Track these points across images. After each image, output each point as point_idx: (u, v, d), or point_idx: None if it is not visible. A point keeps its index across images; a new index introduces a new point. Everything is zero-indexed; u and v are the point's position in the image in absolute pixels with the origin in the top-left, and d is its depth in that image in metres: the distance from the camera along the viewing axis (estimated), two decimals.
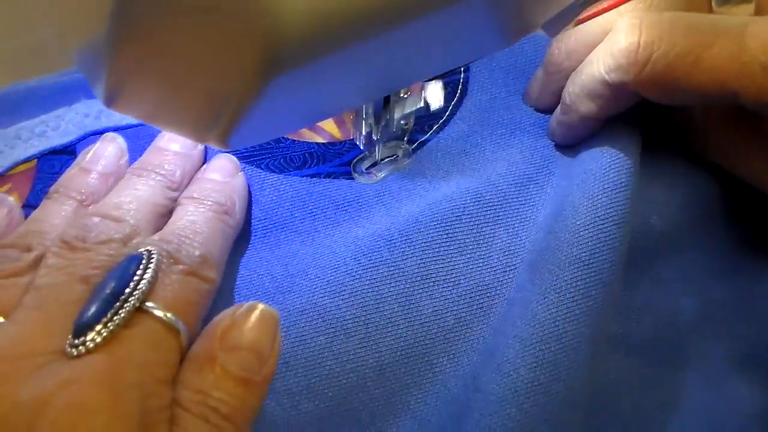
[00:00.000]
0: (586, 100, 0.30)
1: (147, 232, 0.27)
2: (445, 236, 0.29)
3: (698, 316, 0.31)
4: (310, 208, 0.30)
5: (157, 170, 0.29)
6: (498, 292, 0.29)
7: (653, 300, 0.31)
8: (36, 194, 0.30)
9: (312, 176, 0.31)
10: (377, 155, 0.31)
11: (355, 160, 0.31)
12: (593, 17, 0.31)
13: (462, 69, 0.34)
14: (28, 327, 0.23)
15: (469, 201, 0.30)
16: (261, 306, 0.25)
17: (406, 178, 0.31)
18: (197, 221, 0.27)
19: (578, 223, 0.28)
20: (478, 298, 0.29)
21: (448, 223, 0.29)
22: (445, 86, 0.34)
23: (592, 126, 0.30)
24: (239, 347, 0.24)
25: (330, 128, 0.32)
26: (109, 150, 0.30)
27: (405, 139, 0.31)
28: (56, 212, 0.28)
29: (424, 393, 0.28)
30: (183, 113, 0.22)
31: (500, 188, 0.30)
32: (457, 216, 0.29)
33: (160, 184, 0.29)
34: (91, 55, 0.21)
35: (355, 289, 0.28)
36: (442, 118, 0.33)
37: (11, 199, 0.29)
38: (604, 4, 0.30)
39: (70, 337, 0.23)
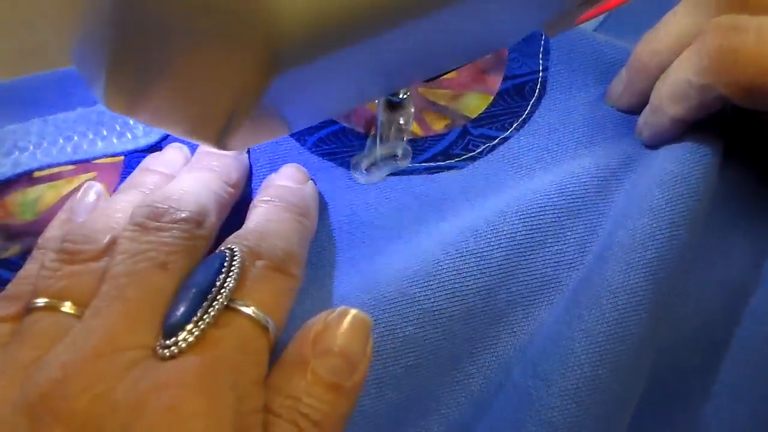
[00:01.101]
0: (674, 103, 0.29)
1: (214, 215, 0.27)
2: (529, 227, 0.29)
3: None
4: (395, 204, 0.30)
5: (212, 166, 0.29)
6: (567, 286, 0.29)
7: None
8: None
9: (394, 174, 0.31)
10: (377, 154, 0.31)
11: (354, 160, 0.31)
12: (593, 16, 0.30)
13: (540, 68, 0.34)
14: (113, 319, 0.23)
15: (553, 192, 0.30)
16: (353, 311, 0.25)
17: (490, 174, 0.31)
18: (275, 220, 0.27)
19: (654, 225, 0.28)
20: (548, 291, 0.29)
21: (533, 215, 0.29)
22: (523, 86, 0.34)
23: (681, 128, 0.30)
24: (331, 352, 0.24)
25: (412, 125, 0.32)
26: (174, 155, 0.31)
27: (404, 139, 0.31)
28: (122, 201, 0.28)
29: (489, 381, 0.28)
30: (182, 113, 0.21)
31: (583, 180, 0.30)
32: (542, 207, 0.29)
33: (216, 176, 0.29)
34: (90, 56, 0.21)
35: (442, 279, 0.28)
36: (521, 116, 0.33)
37: (100, 186, 0.29)
38: (605, 4, 0.30)
39: (160, 337, 0.23)
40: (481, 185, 0.31)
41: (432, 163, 0.32)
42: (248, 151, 0.31)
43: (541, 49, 0.34)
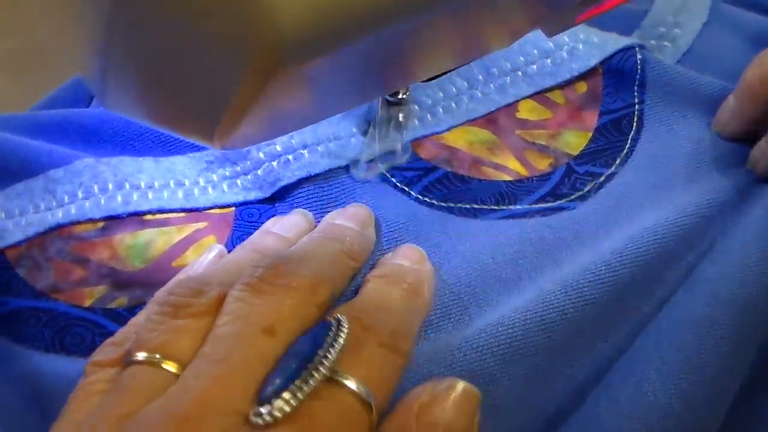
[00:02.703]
0: None
1: (330, 287, 0.26)
2: (649, 270, 0.28)
3: None
4: (511, 252, 0.29)
5: (337, 238, 0.28)
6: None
7: None
8: (234, 241, 0.30)
9: (507, 217, 0.30)
10: (376, 152, 0.31)
11: (353, 158, 0.31)
12: (592, 16, 0.30)
13: (636, 101, 0.34)
14: (211, 382, 0.22)
15: (668, 234, 0.29)
16: (462, 383, 0.23)
17: (601, 214, 0.30)
18: (388, 298, 0.26)
19: (747, 263, 0.28)
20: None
21: (652, 257, 0.28)
22: (620, 120, 0.33)
23: None
24: (437, 426, 0.22)
25: (513, 165, 0.32)
26: (298, 220, 0.30)
27: (403, 134, 0.31)
28: (240, 260, 0.27)
29: (557, 398, 0.27)
30: (182, 113, 0.21)
31: (693, 217, 0.30)
32: (659, 249, 0.28)
33: (340, 248, 0.27)
34: (90, 56, 0.21)
35: (557, 326, 0.27)
36: (623, 150, 0.32)
37: (223, 248, 0.29)
38: (602, 5, 0.30)
39: (255, 404, 0.22)
40: (593, 228, 0.30)
41: (543, 205, 0.31)
42: (375, 225, 0.30)
43: (636, 82, 0.34)
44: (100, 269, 0.29)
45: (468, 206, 0.31)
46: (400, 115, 0.31)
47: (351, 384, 0.22)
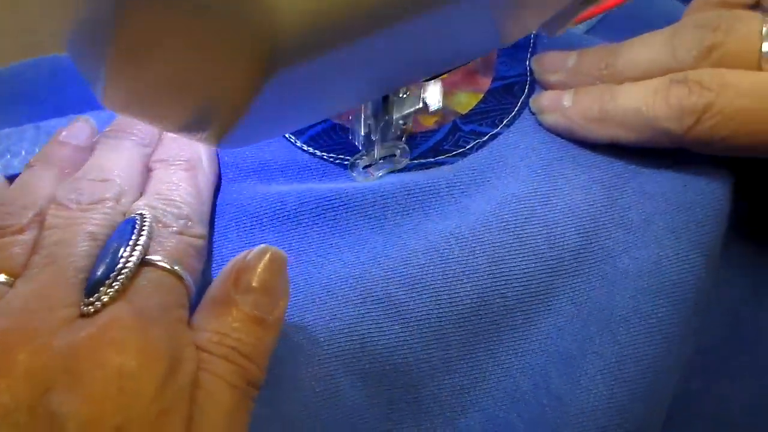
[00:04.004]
0: (619, 128, 0.30)
1: (133, 190, 0.29)
2: (516, 238, 0.29)
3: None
4: (381, 191, 0.30)
5: (129, 130, 0.30)
6: (564, 292, 0.29)
7: None
8: None
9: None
10: (376, 154, 0.31)
11: (352, 159, 0.32)
12: (592, 16, 0.31)
13: (528, 72, 0.34)
14: (45, 282, 0.24)
15: (536, 203, 0.30)
16: (271, 249, 0.26)
17: (476, 170, 0.31)
18: (172, 183, 0.29)
19: (661, 254, 0.29)
20: (545, 297, 0.29)
21: (519, 225, 0.29)
22: (513, 85, 0.34)
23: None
24: (253, 289, 0.25)
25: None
26: (82, 127, 0.32)
27: (403, 139, 0.32)
28: (41, 178, 0.29)
29: (492, 388, 0.28)
30: (180, 112, 0.22)
31: (565, 192, 0.30)
32: (527, 218, 0.30)
33: (134, 143, 0.30)
34: (89, 55, 0.21)
35: (427, 284, 0.28)
36: (511, 112, 0.33)
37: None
38: (604, 3, 0.31)
39: (83, 297, 0.24)
40: (467, 183, 0.31)
41: (422, 160, 0.32)
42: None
43: (529, 55, 0.35)
44: None
45: (349, 158, 0.32)
46: (401, 116, 0.31)
47: (161, 263, 0.26)
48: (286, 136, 0.32)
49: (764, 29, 0.28)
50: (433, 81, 0.30)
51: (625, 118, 0.29)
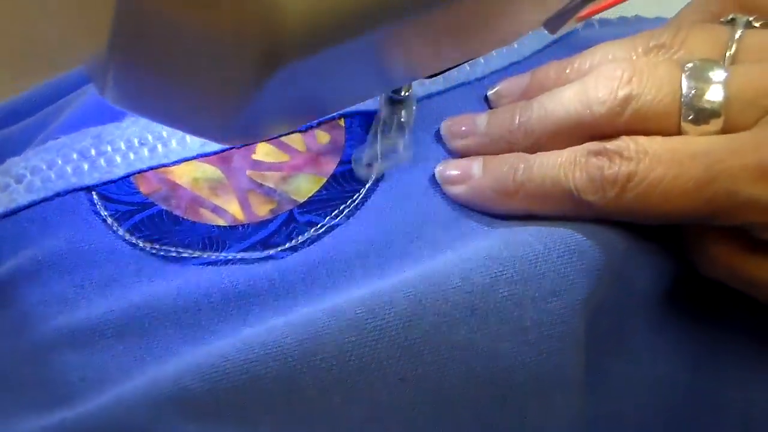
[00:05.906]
0: (534, 201, 0.29)
1: None
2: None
3: None
4: (194, 298, 0.28)
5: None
6: None
7: None
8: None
9: (208, 264, 0.29)
10: (378, 151, 0.31)
11: (355, 155, 0.31)
12: (594, 14, 0.31)
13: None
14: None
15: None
16: None
17: (304, 268, 0.29)
18: None
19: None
20: None
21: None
22: None
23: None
24: None
25: (233, 209, 0.31)
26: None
27: (405, 135, 0.31)
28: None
29: None
30: (183, 108, 0.22)
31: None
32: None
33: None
34: (93, 50, 0.21)
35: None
36: (355, 201, 0.32)
37: None
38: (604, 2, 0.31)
39: None
40: (293, 283, 0.29)
41: (251, 254, 0.30)
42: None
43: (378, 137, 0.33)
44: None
45: (173, 250, 0.30)
46: (403, 113, 0.31)
47: None
48: (108, 221, 0.30)
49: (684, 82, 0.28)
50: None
51: (543, 190, 0.29)
